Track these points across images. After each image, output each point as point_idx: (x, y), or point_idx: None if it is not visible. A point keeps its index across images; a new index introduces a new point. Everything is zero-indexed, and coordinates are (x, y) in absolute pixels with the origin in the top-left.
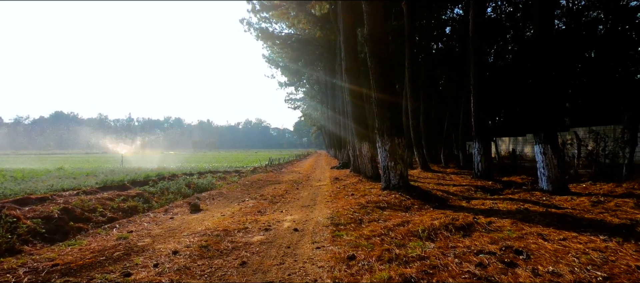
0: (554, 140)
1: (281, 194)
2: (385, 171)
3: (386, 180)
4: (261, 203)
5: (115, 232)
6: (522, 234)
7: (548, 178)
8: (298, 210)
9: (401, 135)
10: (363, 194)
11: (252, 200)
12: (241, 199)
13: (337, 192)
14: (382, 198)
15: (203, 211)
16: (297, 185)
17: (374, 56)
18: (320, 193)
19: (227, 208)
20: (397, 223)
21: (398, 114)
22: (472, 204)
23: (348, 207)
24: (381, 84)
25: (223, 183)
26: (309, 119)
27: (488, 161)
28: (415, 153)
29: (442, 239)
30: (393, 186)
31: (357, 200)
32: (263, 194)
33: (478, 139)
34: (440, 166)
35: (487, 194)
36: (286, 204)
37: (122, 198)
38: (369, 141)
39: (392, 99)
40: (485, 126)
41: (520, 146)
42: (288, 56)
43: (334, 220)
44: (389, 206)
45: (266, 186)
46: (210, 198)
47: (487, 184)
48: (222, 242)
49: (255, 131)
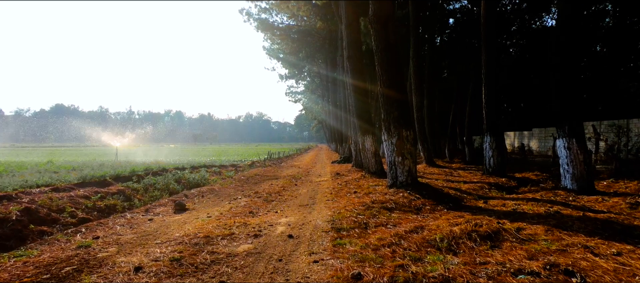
0: (580, 133)
1: (278, 191)
2: (391, 167)
3: (393, 176)
4: (254, 202)
5: (78, 238)
6: (564, 246)
7: (573, 176)
8: (295, 210)
9: (410, 127)
10: (367, 192)
11: (245, 197)
12: (233, 197)
13: (339, 189)
14: (389, 198)
15: (188, 211)
16: (296, 180)
17: (380, 39)
18: (320, 190)
19: (216, 207)
20: (409, 228)
21: (406, 104)
22: (490, 205)
23: (351, 208)
24: (387, 72)
25: (217, 178)
26: (309, 113)
27: (501, 156)
28: (420, 148)
29: (466, 251)
30: (400, 183)
31: (361, 199)
32: (258, 191)
33: (490, 133)
34: (445, 161)
35: (503, 192)
36: (282, 203)
37: (100, 196)
38: (373, 134)
39: (399, 88)
40: (498, 119)
41: (526, 140)
42: (288, 47)
43: (335, 223)
44: (398, 207)
45: (262, 182)
46: (199, 196)
47: (501, 181)
48: (200, 253)
49: (256, 124)
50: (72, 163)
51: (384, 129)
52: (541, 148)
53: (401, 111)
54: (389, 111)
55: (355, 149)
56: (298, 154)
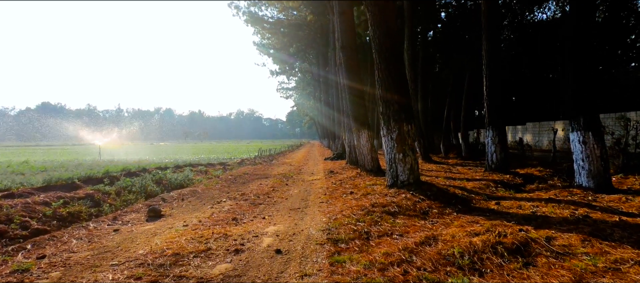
0: (597, 126)
1: (267, 192)
2: (391, 165)
3: (393, 175)
4: (240, 206)
5: (19, 258)
6: (613, 263)
7: (589, 173)
8: (285, 215)
9: (411, 121)
10: (365, 193)
11: (230, 200)
12: (217, 199)
13: (333, 189)
14: (390, 199)
15: (163, 218)
16: (287, 179)
17: (379, 24)
18: (313, 190)
19: (196, 213)
20: (419, 239)
21: (407, 95)
22: (504, 207)
23: (348, 212)
24: (387, 60)
25: (203, 178)
26: (301, 110)
27: (504, 151)
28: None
29: (495, 270)
30: (402, 183)
31: (359, 202)
32: (245, 192)
33: (492, 127)
34: (440, 157)
35: (511, 191)
36: (271, 206)
37: (62, 202)
38: (368, 129)
39: (399, 78)
40: (501, 111)
41: (520, 135)
42: (278, 42)
43: (331, 233)
44: (402, 210)
45: (251, 182)
46: (179, 199)
47: (505, 178)
48: (164, 279)
49: (247, 121)
50: (50, 162)
51: (382, 123)
52: (536, 142)
53: (402, 102)
54: (388, 104)
55: (349, 146)
56: (290, 151)
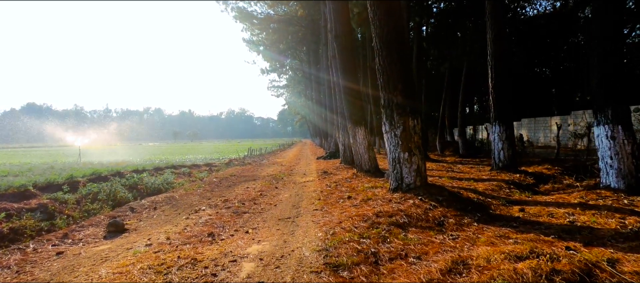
0: (627, 119)
1: (253, 197)
2: (395, 166)
3: (397, 177)
4: (220, 216)
5: None
6: None
7: (618, 172)
8: (272, 228)
9: (417, 115)
10: (365, 198)
11: (210, 208)
12: (195, 207)
13: (328, 193)
14: (396, 207)
15: (125, 234)
16: (277, 181)
17: (379, 2)
18: (305, 194)
19: (167, 225)
20: (444, 265)
21: (412, 85)
22: (531, 214)
23: (349, 224)
24: (389, 42)
25: (184, 181)
26: (293, 108)
27: (512, 148)
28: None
29: None
30: (407, 186)
31: (360, 209)
32: (228, 198)
33: (499, 122)
34: (436, 154)
35: (527, 193)
36: (257, 215)
37: (5, 215)
38: (365, 125)
39: (404, 66)
40: (509, 105)
41: (516, 131)
42: (268, 38)
43: (329, 254)
44: (412, 221)
45: (237, 185)
46: (150, 209)
47: (515, 178)
48: None
49: (238, 120)
50: (18, 166)
51: (384, 118)
52: (531, 138)
53: (407, 92)
54: (390, 95)
55: (343, 144)
56: (281, 150)
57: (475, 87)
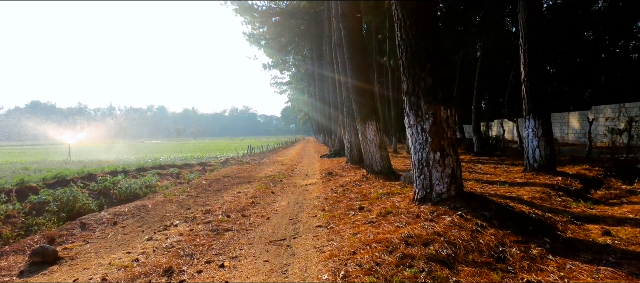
0: None
1: (243, 206)
2: (421, 169)
3: (425, 184)
4: (194, 236)
5: None
6: None
7: None
8: (258, 259)
9: (451, 103)
10: (383, 210)
11: (184, 223)
12: (166, 222)
13: (335, 201)
14: (430, 228)
15: (52, 269)
16: (275, 184)
17: None
18: (306, 202)
19: (117, 253)
20: None
21: (444, 65)
22: (622, 238)
23: (366, 256)
24: (414, 10)
25: (169, 184)
26: (296, 105)
27: (550, 146)
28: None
29: None
30: (438, 196)
31: (379, 229)
32: (212, 208)
33: (534, 116)
34: None
35: (588, 203)
36: (241, 235)
37: None
38: (376, 120)
39: (433, 39)
40: (545, 96)
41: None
42: (270, 32)
43: None
44: (458, 253)
45: (227, 189)
46: (109, 224)
47: (558, 181)
48: None
49: (241, 118)
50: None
51: (407, 108)
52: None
53: (437, 76)
54: (416, 78)
55: (349, 141)
56: (283, 147)
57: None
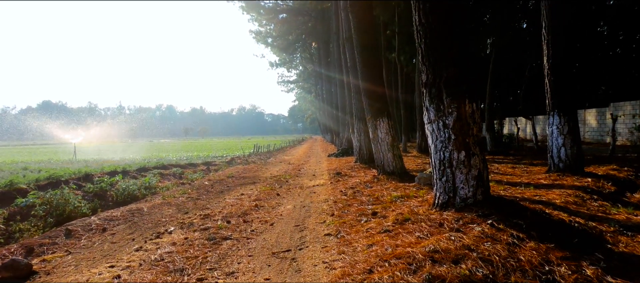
0: None
1: (245, 211)
2: (444, 170)
3: (447, 187)
4: (187, 247)
5: None
6: None
7: None
8: (258, 276)
9: (475, 96)
10: (400, 216)
11: (180, 230)
12: (160, 229)
13: (345, 204)
14: (457, 239)
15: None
16: (281, 185)
17: None
18: (314, 205)
19: (99, 266)
20: None
21: (468, 54)
22: None
23: (386, 273)
24: None
25: (170, 185)
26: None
27: (577, 145)
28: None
29: None
30: (463, 200)
31: (397, 240)
32: (211, 212)
33: (559, 112)
34: None
35: (629, 208)
36: (241, 245)
37: None
38: (388, 116)
39: (455, 24)
40: (572, 90)
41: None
42: (277, 29)
43: None
44: (497, 272)
45: (231, 191)
46: (98, 230)
47: (588, 183)
48: None
49: (249, 117)
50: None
51: (426, 102)
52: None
53: (462, 66)
54: (437, 67)
55: (358, 140)
56: (290, 146)
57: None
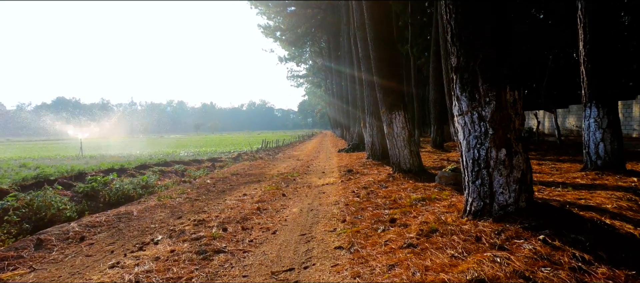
0: None
1: (246, 215)
2: (478, 172)
3: (482, 192)
4: (172, 263)
5: None
6: None
7: None
8: None
9: (516, 83)
10: (424, 226)
11: (168, 239)
12: (145, 238)
13: (358, 208)
14: (504, 261)
15: None
16: (288, 183)
17: None
18: (323, 209)
19: None
20: None
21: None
22: None
23: None
24: None
25: (170, 183)
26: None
27: (618, 140)
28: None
29: None
30: (502, 208)
31: (426, 260)
32: (208, 217)
33: (597, 103)
34: None
35: None
36: (235, 261)
37: None
38: (404, 109)
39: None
40: (610, 78)
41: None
42: (286, 23)
43: None
44: None
45: (233, 190)
46: (74, 240)
47: (633, 182)
48: None
49: (259, 112)
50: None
51: (457, 89)
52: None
53: (501, 44)
54: (471, 47)
55: (370, 135)
56: (300, 141)
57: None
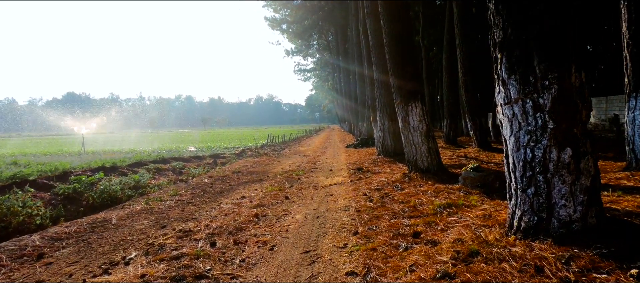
0: None
1: (240, 224)
2: (530, 178)
3: (536, 204)
4: None
5: None
6: None
7: None
8: None
9: (582, 63)
10: (460, 246)
11: (140, 259)
12: (116, 256)
13: (372, 216)
14: None
15: None
16: (291, 184)
17: None
18: (331, 216)
19: None
20: None
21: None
22: None
23: None
24: None
25: (165, 181)
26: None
27: None
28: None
29: None
30: (564, 225)
31: None
32: (195, 227)
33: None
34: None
35: None
36: None
37: None
38: (421, 101)
39: None
40: None
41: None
42: (292, 15)
43: None
44: None
45: (231, 191)
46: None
47: None
48: None
49: (266, 107)
50: None
51: (504, 71)
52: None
53: (561, 14)
54: (523, 16)
55: (381, 129)
56: (307, 136)
57: None
